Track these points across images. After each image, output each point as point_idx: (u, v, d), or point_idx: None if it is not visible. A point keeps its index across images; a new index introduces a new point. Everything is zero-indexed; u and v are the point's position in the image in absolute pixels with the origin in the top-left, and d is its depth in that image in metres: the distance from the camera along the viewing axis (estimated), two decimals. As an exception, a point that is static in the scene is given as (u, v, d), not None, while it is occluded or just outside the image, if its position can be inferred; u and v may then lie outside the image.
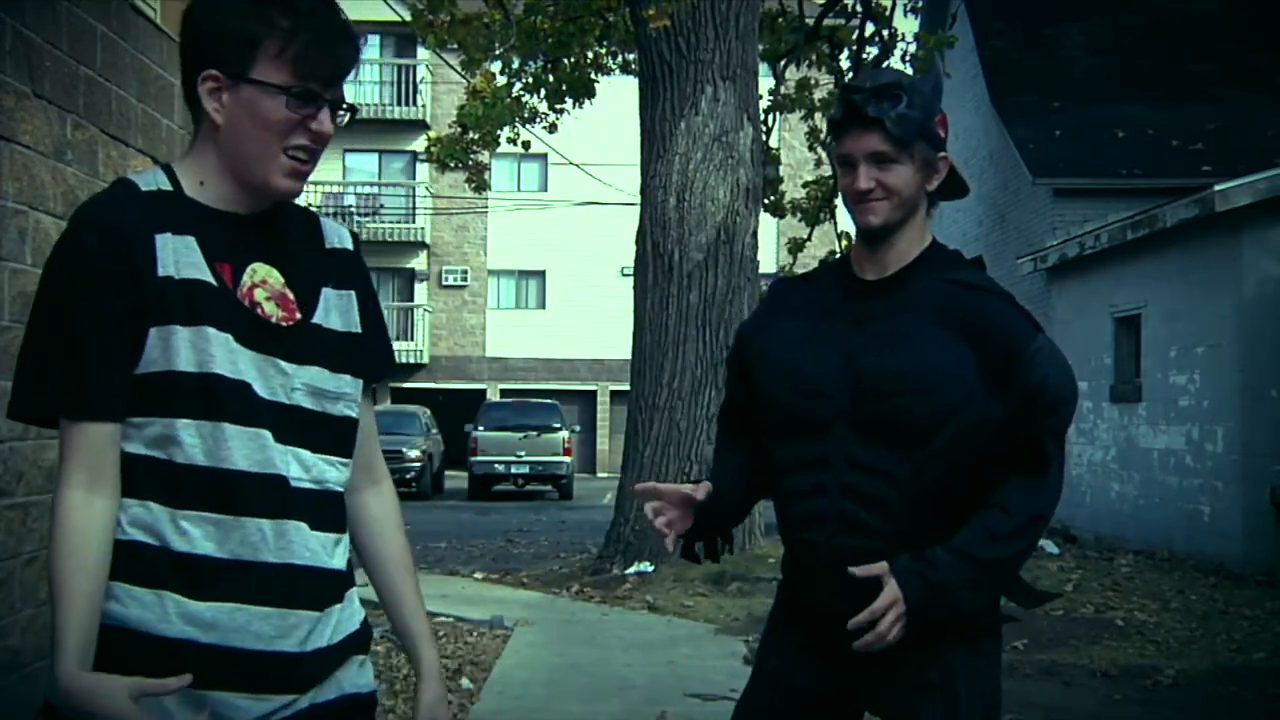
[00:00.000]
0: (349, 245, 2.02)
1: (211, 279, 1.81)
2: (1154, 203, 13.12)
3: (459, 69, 14.68)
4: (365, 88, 33.51)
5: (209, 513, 1.79)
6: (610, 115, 22.45)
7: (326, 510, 1.90)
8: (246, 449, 1.80)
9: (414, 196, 34.93)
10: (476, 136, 14.02)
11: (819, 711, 2.50)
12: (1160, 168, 15.73)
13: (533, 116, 15.06)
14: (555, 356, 34.89)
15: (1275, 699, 6.57)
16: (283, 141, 1.83)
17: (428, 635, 2.07)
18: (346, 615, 1.93)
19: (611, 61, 15.43)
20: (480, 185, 15.53)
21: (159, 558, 1.77)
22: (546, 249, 34.55)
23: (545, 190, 34.36)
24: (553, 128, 15.47)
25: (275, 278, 1.88)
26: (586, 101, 15.03)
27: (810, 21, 15.30)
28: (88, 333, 1.75)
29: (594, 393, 35.09)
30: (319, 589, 1.87)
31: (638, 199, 11.46)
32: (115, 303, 1.75)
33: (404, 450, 23.54)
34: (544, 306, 35.40)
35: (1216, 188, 11.48)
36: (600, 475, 32.60)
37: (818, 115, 16.41)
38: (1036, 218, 16.85)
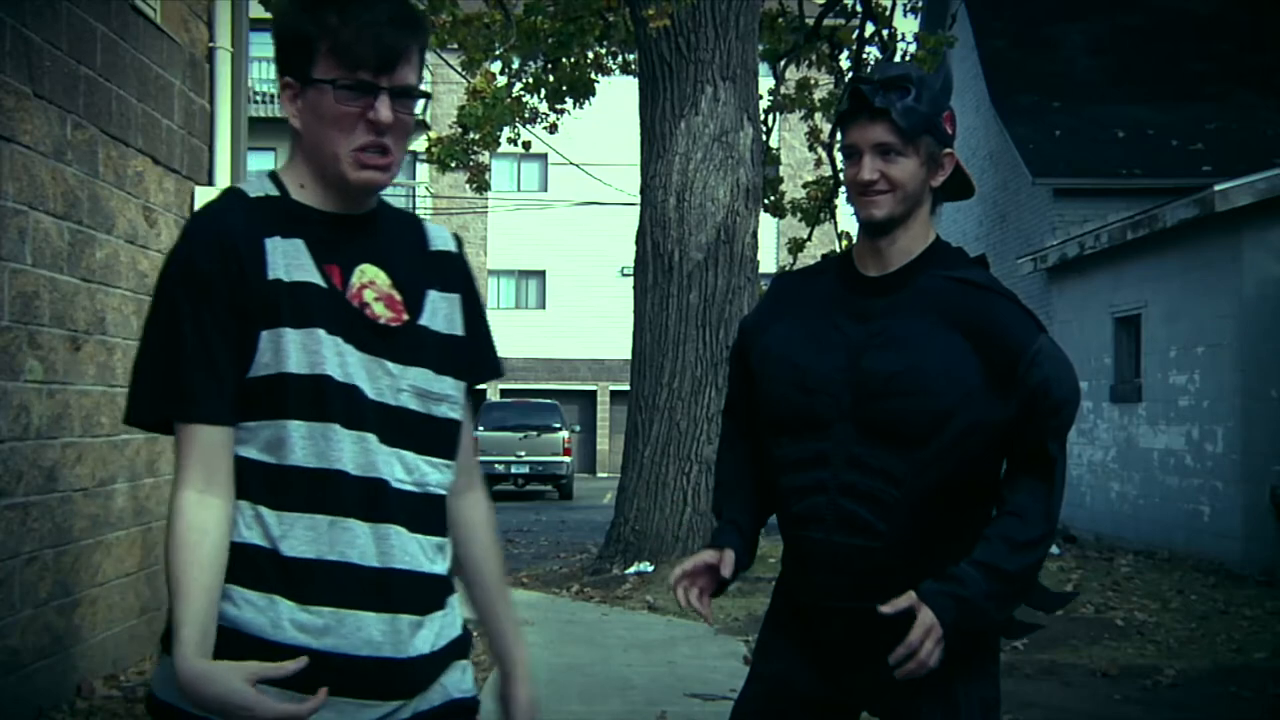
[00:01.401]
0: (453, 248, 2.02)
1: (321, 281, 1.82)
2: (1154, 203, 13.11)
3: (459, 69, 14.68)
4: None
5: (314, 514, 1.79)
6: (610, 115, 22.46)
7: (427, 513, 1.90)
8: (352, 451, 1.80)
9: (414, 196, 34.93)
10: (477, 137, 14.02)
11: (817, 713, 2.49)
12: (1160, 168, 15.73)
13: (533, 117, 15.05)
14: (555, 356, 34.90)
15: (1275, 699, 6.57)
16: (349, 137, 1.82)
17: (519, 636, 2.09)
18: (449, 621, 1.93)
19: (611, 61, 15.42)
20: (480, 185, 15.52)
21: (268, 561, 1.78)
22: (546, 249, 34.55)
23: (545, 190, 34.36)
24: (553, 128, 15.47)
25: (382, 279, 1.88)
26: (586, 101, 15.02)
27: (810, 21, 15.30)
28: (197, 338, 1.76)
29: (594, 393, 35.10)
30: (419, 594, 1.88)
31: (638, 199, 11.46)
32: (222, 308, 1.76)
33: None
34: (544, 306, 35.41)
35: (1216, 188, 11.47)
36: (600, 475, 32.61)
37: (818, 115, 16.40)
38: (1036, 218, 16.84)
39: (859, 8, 15.54)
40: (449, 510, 1.99)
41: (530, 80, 14.85)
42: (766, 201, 14.98)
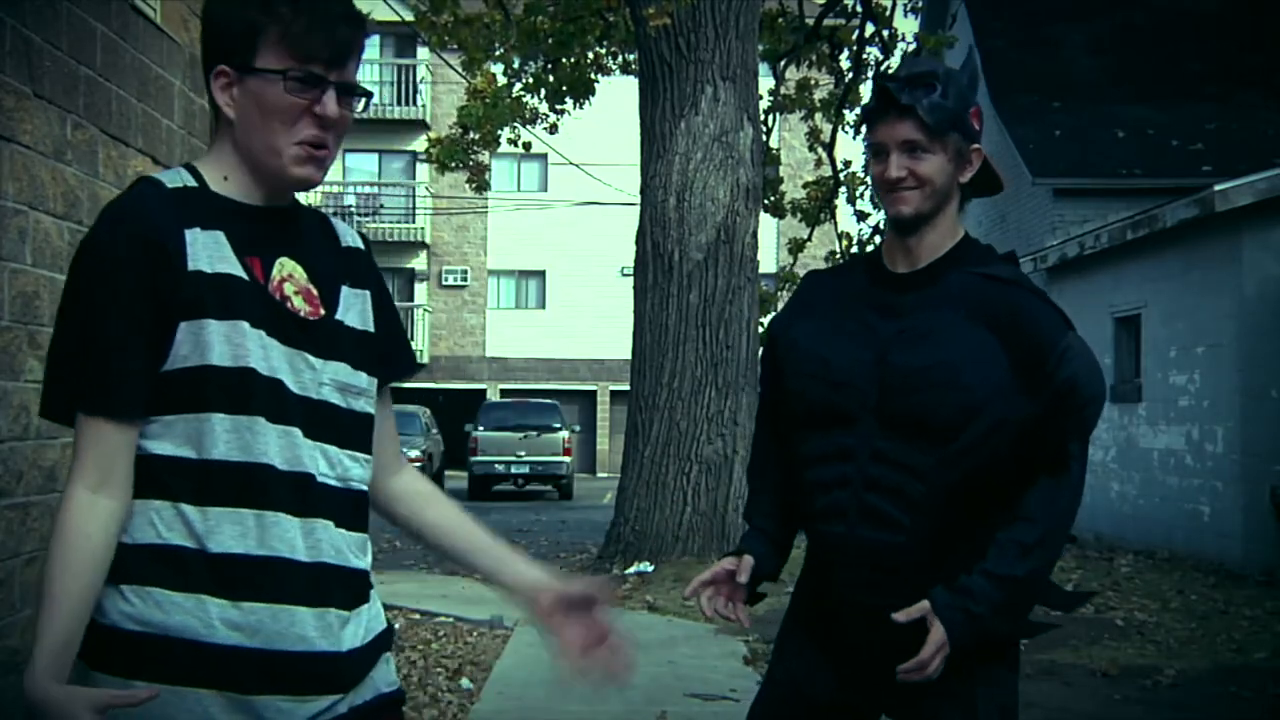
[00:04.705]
0: (360, 245, 2.02)
1: (243, 273, 1.80)
2: (1154, 203, 13.12)
3: (459, 69, 14.69)
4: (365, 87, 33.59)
5: (241, 509, 1.77)
6: (610, 115, 22.45)
7: (351, 509, 1.90)
8: (278, 445, 1.79)
9: (414, 196, 34.93)
10: (477, 137, 14.03)
11: (835, 717, 2.49)
12: (1160, 168, 15.73)
13: (533, 117, 15.06)
14: (555, 356, 34.89)
15: (1275, 699, 6.57)
16: (291, 130, 1.81)
17: (528, 559, 2.08)
18: (373, 614, 1.94)
19: (611, 61, 15.43)
20: (480, 185, 15.53)
21: (194, 560, 1.75)
22: (546, 249, 34.54)
23: (545, 190, 34.35)
24: (553, 128, 15.47)
25: (300, 273, 1.87)
26: (586, 101, 15.03)
27: (810, 21, 15.31)
28: (111, 330, 1.73)
29: (594, 393, 35.08)
30: (348, 589, 1.88)
31: (638, 199, 11.47)
32: (141, 300, 1.73)
33: (404, 450, 23.53)
34: (544, 306, 35.40)
35: (1216, 188, 11.48)
36: (600, 475, 32.60)
37: (818, 115, 16.41)
38: (1036, 218, 16.84)
39: (859, 8, 15.54)
40: (393, 490, 2.05)
41: (530, 80, 14.86)
42: (766, 201, 14.98)
